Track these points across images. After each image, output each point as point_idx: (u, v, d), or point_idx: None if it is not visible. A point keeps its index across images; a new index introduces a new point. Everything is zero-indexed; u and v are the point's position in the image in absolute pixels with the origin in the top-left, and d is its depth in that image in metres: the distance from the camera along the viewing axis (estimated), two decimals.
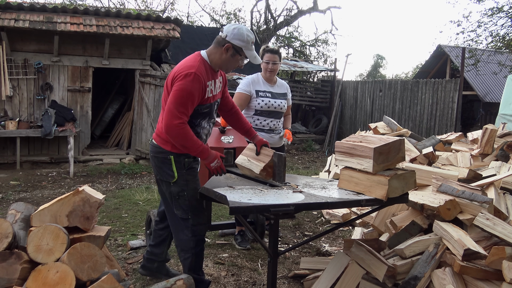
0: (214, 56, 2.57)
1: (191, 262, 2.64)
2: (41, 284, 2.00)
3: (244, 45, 2.53)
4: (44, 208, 2.45)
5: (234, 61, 2.58)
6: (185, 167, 2.59)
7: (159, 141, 2.62)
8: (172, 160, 2.56)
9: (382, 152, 2.36)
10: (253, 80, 3.76)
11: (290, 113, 4.02)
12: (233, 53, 2.54)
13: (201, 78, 2.45)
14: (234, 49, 2.53)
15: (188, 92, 2.40)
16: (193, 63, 2.49)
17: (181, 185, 2.58)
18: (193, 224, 2.60)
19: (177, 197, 2.59)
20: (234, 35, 2.51)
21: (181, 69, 2.47)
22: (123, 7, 15.81)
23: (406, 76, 29.86)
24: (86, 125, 8.49)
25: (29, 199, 5.56)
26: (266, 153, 2.72)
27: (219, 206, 5.01)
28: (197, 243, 2.63)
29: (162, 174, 2.62)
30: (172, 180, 2.58)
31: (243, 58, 2.59)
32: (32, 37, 7.88)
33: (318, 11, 17.29)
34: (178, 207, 2.60)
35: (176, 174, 2.57)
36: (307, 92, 13.34)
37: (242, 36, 2.51)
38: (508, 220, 2.83)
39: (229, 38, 2.51)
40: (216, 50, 2.57)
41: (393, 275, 2.53)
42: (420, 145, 5.36)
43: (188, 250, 2.63)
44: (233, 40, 2.51)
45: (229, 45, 2.51)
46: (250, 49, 2.56)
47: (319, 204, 2.28)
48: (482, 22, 11.48)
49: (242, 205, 2.09)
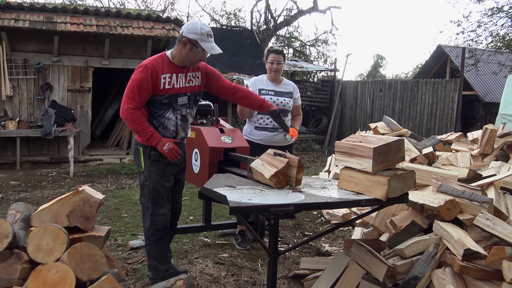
0: (176, 52, 2.76)
1: (150, 248, 2.86)
2: (41, 284, 2.00)
3: (198, 37, 2.67)
4: (44, 208, 2.45)
5: (193, 54, 2.71)
6: (150, 158, 2.80)
7: None
8: (140, 151, 2.80)
9: (381, 152, 2.36)
10: (257, 80, 3.79)
11: (301, 113, 4.00)
12: (191, 47, 2.68)
13: (151, 69, 2.66)
14: (191, 43, 2.68)
15: (135, 81, 2.64)
16: (150, 58, 2.75)
17: (145, 175, 2.81)
18: (152, 213, 2.81)
19: (143, 186, 2.84)
20: (188, 30, 2.68)
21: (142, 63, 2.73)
22: (123, 7, 15.82)
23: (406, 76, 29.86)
24: (86, 125, 8.49)
25: (29, 199, 5.56)
26: (281, 159, 2.54)
27: (219, 206, 5.01)
28: (155, 232, 2.82)
29: (136, 163, 2.90)
30: (141, 170, 2.83)
31: (201, 50, 2.69)
32: (32, 37, 7.88)
33: (318, 11, 17.29)
34: (142, 195, 2.85)
35: (143, 164, 2.80)
36: (307, 92, 13.34)
37: (196, 29, 2.67)
38: (508, 220, 2.83)
39: (185, 33, 2.69)
40: (177, 47, 2.75)
41: (393, 275, 2.53)
42: (420, 145, 5.36)
43: (148, 237, 2.85)
44: (188, 34, 2.67)
45: (185, 39, 2.68)
46: (206, 40, 2.69)
47: (319, 204, 2.28)
48: (482, 22, 11.48)
49: (242, 205, 2.09)
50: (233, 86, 3.04)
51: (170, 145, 2.72)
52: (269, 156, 2.69)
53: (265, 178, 2.53)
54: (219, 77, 3.01)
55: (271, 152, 2.73)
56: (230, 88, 3.03)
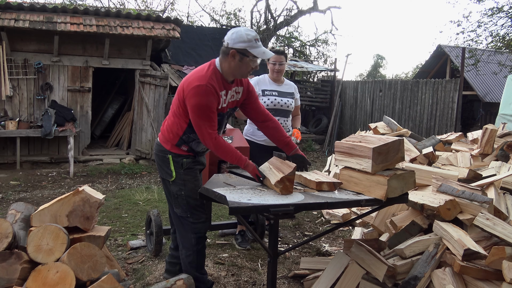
0: (224, 66, 2.53)
1: (192, 260, 2.67)
2: (41, 284, 2.00)
3: (247, 45, 2.45)
4: (44, 208, 2.45)
5: (245, 64, 2.50)
6: (182, 167, 2.64)
7: (161, 139, 2.70)
8: (170, 160, 2.62)
9: (381, 152, 2.36)
10: (259, 80, 3.80)
11: (299, 113, 4.02)
12: (240, 58, 2.47)
13: (213, 89, 2.45)
14: (240, 53, 2.46)
15: (205, 106, 2.42)
16: (203, 73, 2.48)
17: (179, 185, 2.63)
18: (193, 222, 2.65)
19: (176, 196, 2.65)
20: (234, 40, 2.46)
21: (192, 80, 2.46)
22: (123, 7, 15.81)
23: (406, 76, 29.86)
24: (86, 125, 8.49)
25: (29, 199, 5.56)
26: (289, 164, 2.41)
27: (219, 206, 5.01)
28: (198, 241, 2.66)
29: (162, 172, 2.70)
30: (171, 179, 2.64)
31: (252, 58, 2.49)
32: (32, 37, 7.88)
33: (318, 11, 17.27)
34: (177, 205, 2.66)
35: (174, 173, 2.62)
36: (307, 92, 13.34)
37: (242, 37, 2.45)
38: (508, 220, 2.83)
39: (231, 44, 2.46)
40: (224, 60, 2.52)
41: (393, 275, 2.53)
42: (420, 145, 5.35)
43: (189, 248, 2.67)
44: (235, 45, 2.45)
45: (233, 51, 2.45)
46: (256, 46, 2.47)
47: (319, 204, 2.28)
48: (482, 22, 11.48)
49: (242, 205, 2.09)
50: (266, 113, 2.85)
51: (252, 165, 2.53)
52: (278, 160, 2.58)
53: (271, 184, 2.42)
54: (256, 99, 2.83)
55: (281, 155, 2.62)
56: (263, 114, 2.83)
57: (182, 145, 2.63)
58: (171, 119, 2.64)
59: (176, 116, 2.60)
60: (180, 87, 2.57)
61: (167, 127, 2.67)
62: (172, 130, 2.62)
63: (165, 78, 8.39)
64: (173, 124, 2.62)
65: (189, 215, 2.64)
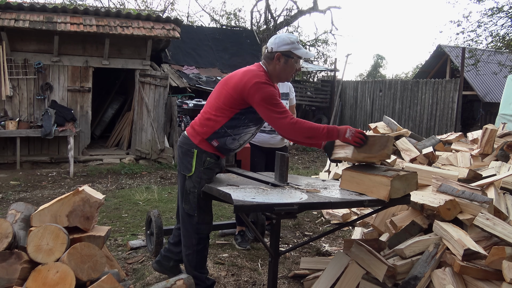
0: (269, 70, 2.62)
1: (191, 258, 2.68)
2: (41, 284, 1.99)
3: (291, 47, 2.57)
4: (44, 208, 2.45)
5: (290, 66, 2.61)
6: (203, 164, 2.63)
7: (190, 132, 2.69)
8: (194, 154, 2.61)
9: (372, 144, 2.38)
10: None
11: (295, 112, 4.01)
12: (285, 60, 2.58)
13: (270, 83, 2.53)
14: (284, 55, 2.57)
15: (271, 96, 2.46)
16: (257, 72, 2.55)
17: (194, 181, 2.62)
18: (198, 222, 2.65)
19: (188, 192, 2.64)
20: (277, 44, 2.58)
21: (249, 79, 2.50)
22: (123, 7, 15.81)
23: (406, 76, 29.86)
24: (86, 125, 8.49)
25: (29, 199, 5.56)
26: None
27: (219, 206, 5.01)
28: (199, 241, 2.67)
29: (182, 165, 2.68)
30: (189, 173, 2.63)
31: (296, 59, 2.61)
32: (32, 37, 7.88)
33: (318, 11, 17.28)
34: (187, 201, 2.65)
35: (194, 168, 2.62)
36: (307, 92, 13.34)
37: (285, 40, 2.58)
38: (508, 220, 2.83)
39: (275, 48, 2.58)
40: (269, 64, 2.62)
41: (393, 275, 2.53)
42: (420, 145, 5.36)
43: (190, 247, 2.68)
44: (279, 48, 2.57)
45: (279, 54, 2.57)
46: (298, 47, 2.59)
47: (322, 204, 2.28)
48: (482, 22, 11.49)
49: (246, 203, 2.08)
50: None
51: (352, 131, 2.41)
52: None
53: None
54: None
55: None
56: None
57: (213, 139, 2.61)
58: (209, 112, 2.62)
59: (217, 110, 2.59)
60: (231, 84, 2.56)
61: (200, 121, 2.66)
62: (208, 124, 2.61)
63: (165, 78, 8.39)
64: (209, 119, 2.61)
65: (195, 214, 2.64)
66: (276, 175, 2.67)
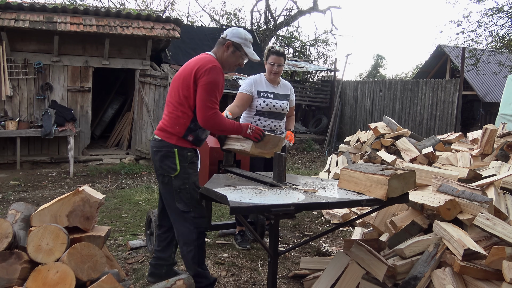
0: (217, 55, 2.79)
1: (194, 255, 2.68)
2: (41, 284, 2.00)
3: (243, 42, 2.77)
4: (44, 208, 2.45)
5: (235, 57, 2.79)
6: (187, 160, 2.69)
7: (163, 135, 2.71)
8: (176, 153, 2.66)
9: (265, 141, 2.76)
10: (256, 80, 3.76)
11: (294, 114, 4.00)
12: (234, 50, 2.77)
13: (222, 71, 2.71)
14: (234, 46, 2.76)
15: (215, 84, 2.62)
16: (211, 58, 2.71)
17: (183, 178, 2.66)
18: (195, 216, 2.67)
19: (179, 190, 2.66)
20: (233, 34, 2.77)
21: (203, 63, 2.64)
22: (123, 7, 15.81)
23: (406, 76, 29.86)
24: (86, 125, 8.49)
25: (29, 199, 5.56)
26: None
27: (219, 206, 5.01)
28: (199, 235, 2.69)
29: (164, 168, 2.69)
30: (174, 173, 2.66)
31: (243, 55, 2.79)
32: (32, 37, 7.88)
33: (318, 11, 17.27)
34: (180, 200, 2.67)
35: (179, 167, 2.66)
36: (307, 92, 13.34)
37: (241, 34, 2.78)
38: (508, 220, 2.83)
39: (229, 36, 2.77)
40: (218, 49, 2.80)
41: (393, 275, 2.53)
42: (420, 145, 5.36)
43: (191, 243, 2.68)
44: (232, 38, 2.76)
45: (230, 42, 2.75)
46: (249, 46, 2.81)
47: (319, 204, 2.27)
48: (482, 22, 11.49)
49: (243, 205, 2.08)
50: None
51: (252, 128, 2.76)
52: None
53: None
54: None
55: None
56: None
57: (188, 135, 2.69)
58: (175, 113, 2.69)
59: (182, 106, 2.67)
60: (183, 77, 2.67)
61: (170, 122, 2.71)
62: (179, 123, 2.68)
63: (165, 78, 8.39)
64: (177, 117, 2.68)
65: (191, 209, 2.66)
66: (274, 175, 2.67)
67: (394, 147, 5.64)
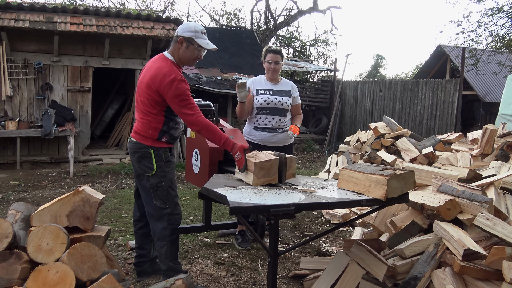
0: (174, 53, 2.83)
1: (167, 250, 2.83)
2: (41, 284, 2.00)
3: (193, 34, 2.78)
4: (44, 208, 2.45)
5: (190, 52, 2.80)
6: (163, 159, 2.82)
7: (139, 138, 2.84)
8: (152, 154, 2.79)
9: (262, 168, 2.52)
10: (255, 80, 3.81)
11: (301, 113, 3.99)
12: (187, 45, 2.79)
13: (182, 77, 2.73)
14: (187, 41, 2.78)
15: (182, 94, 2.68)
16: (168, 67, 2.71)
17: (159, 177, 2.80)
18: (170, 213, 2.82)
19: (156, 188, 2.80)
20: (183, 29, 2.80)
21: (162, 77, 2.66)
22: (123, 7, 15.81)
23: (406, 76, 29.85)
24: (86, 125, 8.49)
25: (29, 199, 5.56)
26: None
27: (219, 206, 5.01)
28: (173, 232, 2.83)
29: (142, 168, 2.83)
30: (151, 172, 2.80)
31: (198, 47, 2.80)
32: (32, 37, 7.88)
33: (318, 11, 17.29)
34: (157, 197, 2.81)
35: (155, 166, 2.79)
36: (307, 92, 13.34)
37: (190, 27, 2.80)
38: (508, 220, 2.83)
39: (180, 32, 2.80)
40: (173, 47, 2.83)
41: (393, 275, 2.53)
42: (420, 145, 5.36)
43: (164, 238, 2.82)
44: (183, 33, 2.79)
45: (181, 38, 2.78)
46: (201, 37, 2.81)
47: (319, 204, 2.27)
48: (482, 22, 11.48)
49: (242, 205, 2.08)
50: None
51: (240, 155, 2.69)
52: None
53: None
54: None
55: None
56: None
57: (162, 137, 2.81)
58: (146, 118, 2.79)
59: (151, 113, 2.76)
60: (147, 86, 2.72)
61: (143, 126, 2.81)
62: (151, 127, 2.78)
63: None
64: (149, 122, 2.78)
65: (168, 206, 2.81)
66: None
67: (394, 147, 5.64)
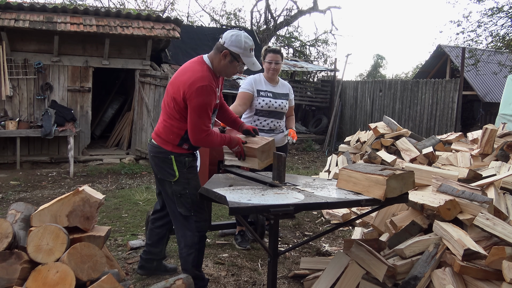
0: (214, 62, 2.63)
1: (194, 257, 2.70)
2: (41, 284, 1.99)
3: (241, 52, 2.57)
4: (44, 208, 2.45)
5: (232, 67, 2.62)
6: (185, 166, 2.67)
7: (159, 141, 2.69)
8: (173, 160, 2.64)
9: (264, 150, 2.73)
10: (255, 80, 3.80)
11: (293, 114, 4.03)
12: (231, 60, 2.58)
13: (214, 87, 2.54)
14: (232, 56, 2.57)
15: (206, 106, 2.51)
16: (202, 73, 2.53)
17: (182, 184, 2.65)
18: (196, 220, 2.68)
19: (179, 195, 2.66)
20: (231, 42, 2.55)
21: (193, 81, 2.50)
22: (123, 7, 15.81)
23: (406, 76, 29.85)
24: (86, 125, 8.49)
25: (29, 199, 5.56)
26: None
27: (219, 206, 5.01)
28: (201, 239, 2.71)
29: (163, 173, 2.69)
30: (173, 179, 2.65)
31: (241, 64, 2.63)
32: (32, 37, 7.88)
33: (318, 11, 17.27)
34: (181, 205, 2.67)
35: (177, 173, 2.64)
36: (307, 92, 13.34)
37: (240, 43, 2.55)
38: (508, 220, 2.83)
39: (227, 44, 2.56)
40: (215, 56, 2.62)
41: (393, 275, 2.53)
42: (420, 145, 5.36)
43: (192, 246, 2.69)
44: (230, 47, 2.55)
45: (227, 51, 2.56)
46: (248, 56, 2.61)
47: (319, 204, 2.27)
48: (482, 22, 11.48)
49: (242, 205, 2.08)
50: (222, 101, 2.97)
51: (239, 148, 2.76)
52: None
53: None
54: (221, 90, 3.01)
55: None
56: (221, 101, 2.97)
57: (183, 144, 2.66)
58: (169, 122, 2.65)
59: (175, 118, 2.62)
60: (176, 88, 2.57)
61: (164, 129, 2.68)
62: (173, 132, 2.64)
63: (165, 78, 8.39)
64: (171, 126, 2.64)
65: (192, 214, 2.67)
66: (273, 175, 2.67)
67: (394, 147, 5.64)
